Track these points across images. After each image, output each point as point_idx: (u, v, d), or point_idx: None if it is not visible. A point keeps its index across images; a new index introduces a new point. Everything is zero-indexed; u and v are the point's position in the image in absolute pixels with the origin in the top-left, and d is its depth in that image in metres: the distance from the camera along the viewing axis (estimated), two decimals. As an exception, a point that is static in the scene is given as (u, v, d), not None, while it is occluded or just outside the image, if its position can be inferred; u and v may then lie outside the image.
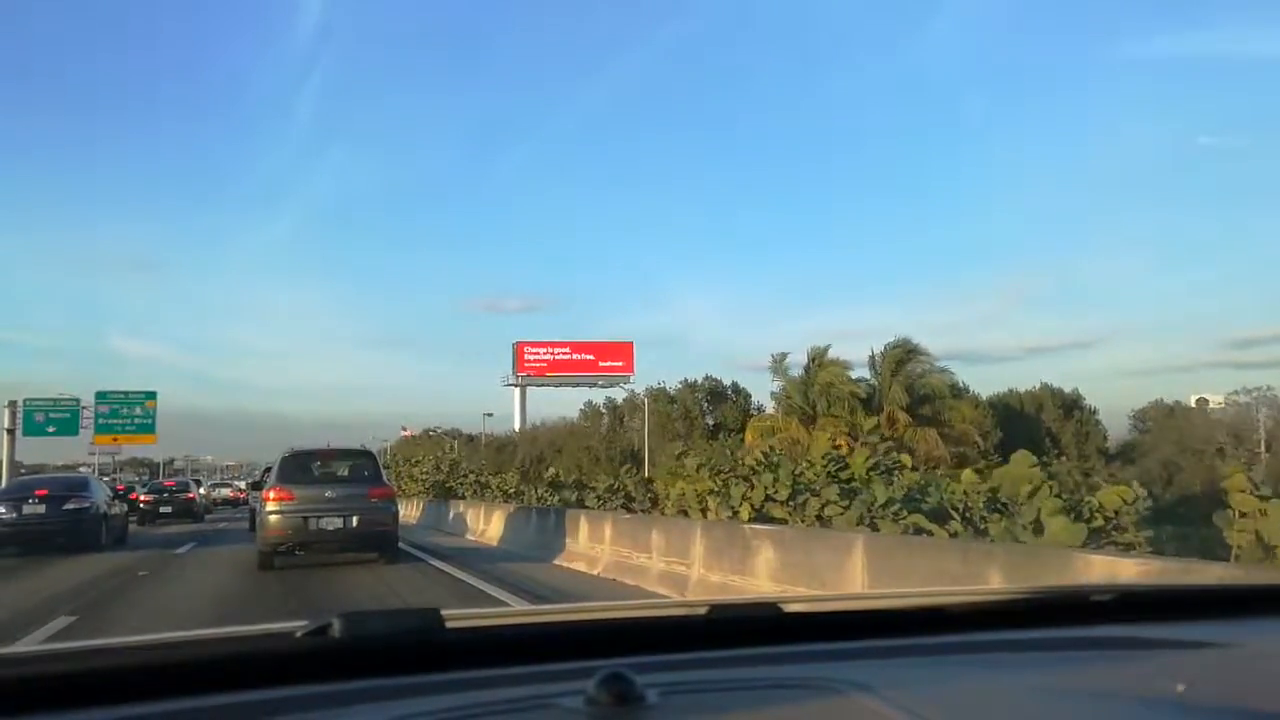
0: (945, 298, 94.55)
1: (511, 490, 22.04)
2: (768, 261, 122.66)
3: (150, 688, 1.08)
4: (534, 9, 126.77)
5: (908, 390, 32.40)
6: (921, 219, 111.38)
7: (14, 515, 16.45)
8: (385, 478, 13.98)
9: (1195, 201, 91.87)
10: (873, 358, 35.13)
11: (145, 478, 69.54)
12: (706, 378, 52.26)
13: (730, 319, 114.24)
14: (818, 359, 36.30)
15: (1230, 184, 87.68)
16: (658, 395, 51.13)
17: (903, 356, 34.59)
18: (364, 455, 14.08)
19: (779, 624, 1.42)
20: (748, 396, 52.11)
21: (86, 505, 17.12)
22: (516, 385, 69.89)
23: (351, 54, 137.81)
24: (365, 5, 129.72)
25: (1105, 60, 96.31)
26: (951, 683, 1.22)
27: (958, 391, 35.19)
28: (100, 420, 56.16)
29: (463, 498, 23.74)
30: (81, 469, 54.17)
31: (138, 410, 57.33)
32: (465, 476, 27.18)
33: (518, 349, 69.99)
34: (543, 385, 70.32)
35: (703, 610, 1.42)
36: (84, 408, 56.36)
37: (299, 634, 1.17)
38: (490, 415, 69.49)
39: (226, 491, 57.12)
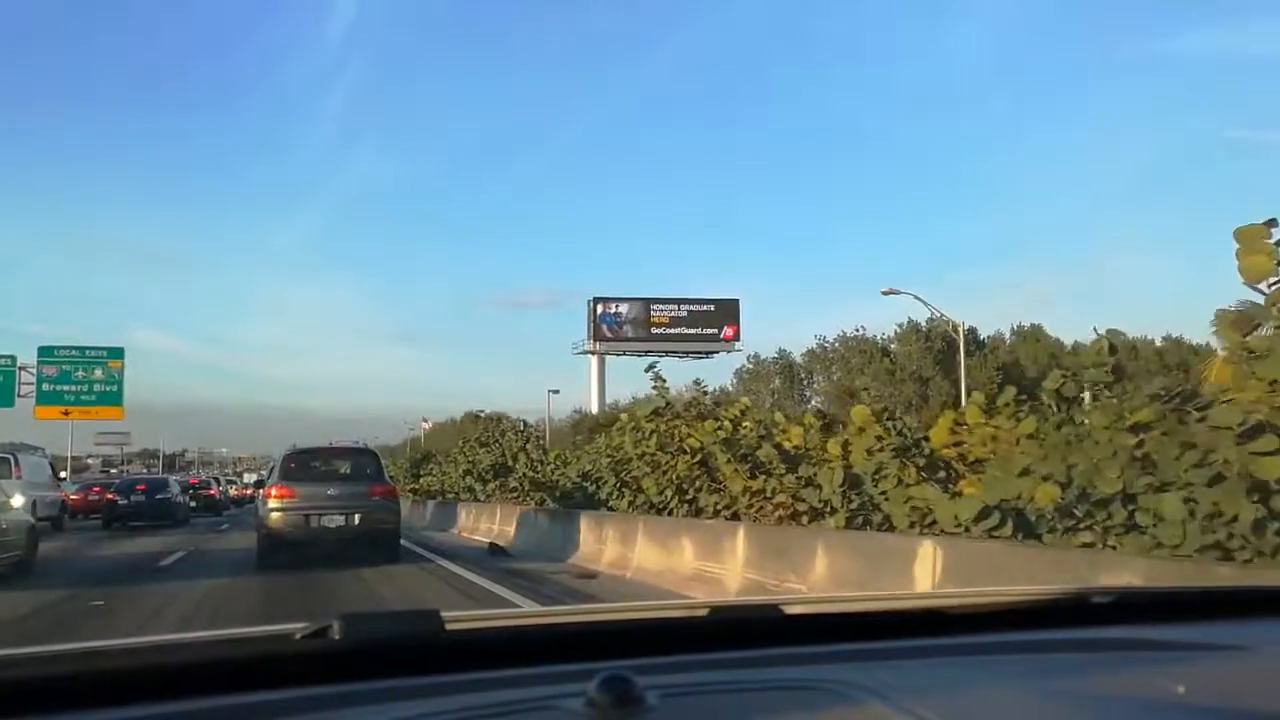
0: (966, 294, 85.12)
1: None
2: (785, 256, 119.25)
3: (149, 690, 1.07)
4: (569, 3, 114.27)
5: None
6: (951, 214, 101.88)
7: (127, 501, 26.98)
8: (386, 476, 14.10)
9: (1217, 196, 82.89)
10: None
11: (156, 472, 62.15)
12: (936, 320, 37.50)
13: (755, 313, 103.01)
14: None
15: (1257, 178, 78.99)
16: (866, 345, 36.37)
17: None
18: (366, 454, 14.68)
19: (780, 625, 1.41)
20: (982, 344, 38.05)
21: (170, 496, 27.71)
22: (593, 353, 54.27)
23: (379, 51, 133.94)
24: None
25: (1129, 55, 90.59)
26: (952, 684, 1.20)
27: None
28: (45, 385, 38.52)
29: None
30: (89, 460, 46.73)
31: (97, 373, 39.47)
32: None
33: (593, 309, 54.42)
34: (624, 355, 55.06)
35: (703, 612, 1.42)
36: (22, 369, 39.05)
37: (299, 635, 1.16)
38: (556, 392, 53.98)
39: (232, 489, 46.80)
